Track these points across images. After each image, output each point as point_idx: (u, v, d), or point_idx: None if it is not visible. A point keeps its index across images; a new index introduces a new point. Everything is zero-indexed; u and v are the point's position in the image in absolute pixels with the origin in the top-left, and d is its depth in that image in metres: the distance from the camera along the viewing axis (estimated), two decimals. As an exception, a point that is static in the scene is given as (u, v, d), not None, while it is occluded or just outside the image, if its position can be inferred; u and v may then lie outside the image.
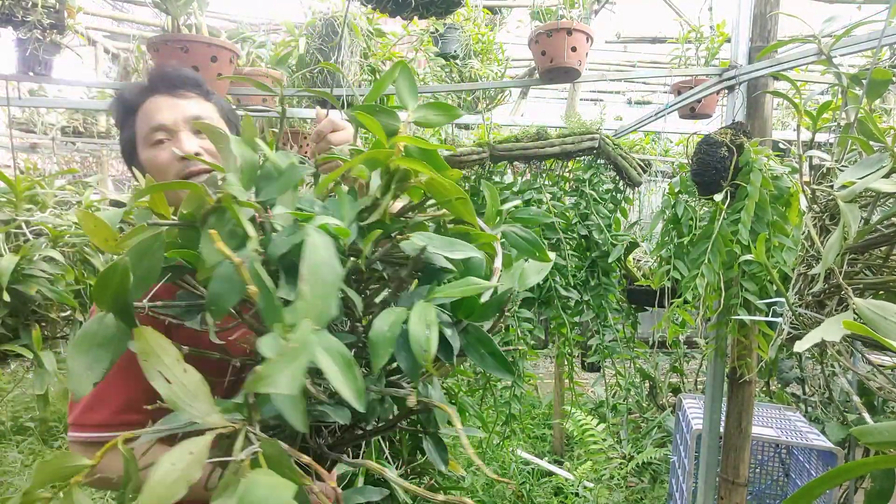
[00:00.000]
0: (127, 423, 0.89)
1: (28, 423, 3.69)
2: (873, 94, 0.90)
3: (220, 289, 0.52)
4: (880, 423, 0.57)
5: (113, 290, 0.56)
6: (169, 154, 0.96)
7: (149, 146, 0.97)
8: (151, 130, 0.97)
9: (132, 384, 0.89)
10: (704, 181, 1.75)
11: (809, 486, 0.57)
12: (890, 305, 0.71)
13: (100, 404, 0.90)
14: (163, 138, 0.97)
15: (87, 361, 0.58)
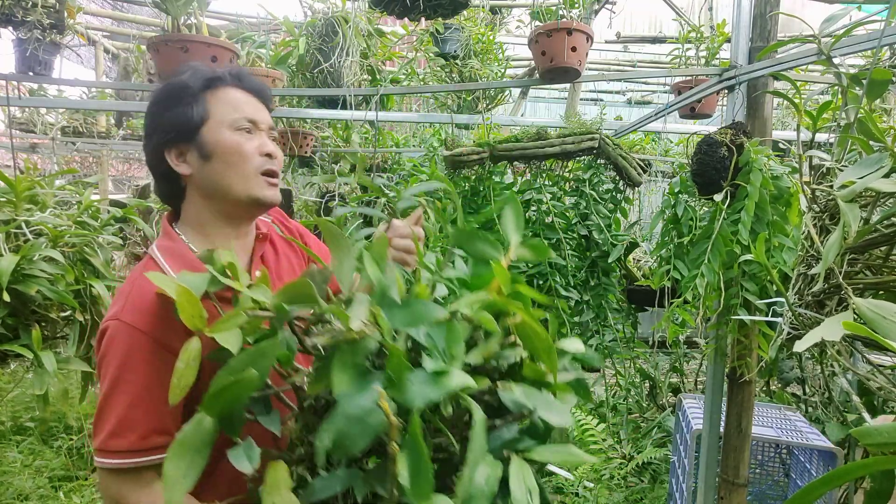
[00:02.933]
0: (156, 447, 0.88)
1: (28, 423, 3.69)
2: (873, 94, 0.90)
3: (350, 429, 0.48)
4: (880, 424, 0.57)
5: (227, 399, 0.54)
6: (255, 145, 1.02)
7: (234, 130, 1.02)
8: (241, 118, 1.02)
9: (158, 408, 0.88)
10: (704, 181, 1.75)
11: (810, 486, 0.57)
12: (889, 305, 0.71)
13: (126, 429, 0.89)
14: (250, 128, 1.03)
15: (184, 468, 0.57)
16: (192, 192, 1.04)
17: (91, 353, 1.79)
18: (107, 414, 0.90)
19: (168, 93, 1.04)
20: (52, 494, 2.96)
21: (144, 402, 0.89)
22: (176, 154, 1.03)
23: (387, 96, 3.36)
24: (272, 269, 1.09)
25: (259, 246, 1.10)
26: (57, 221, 1.72)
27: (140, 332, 0.90)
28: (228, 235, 1.05)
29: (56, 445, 3.45)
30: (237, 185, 1.01)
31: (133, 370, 0.90)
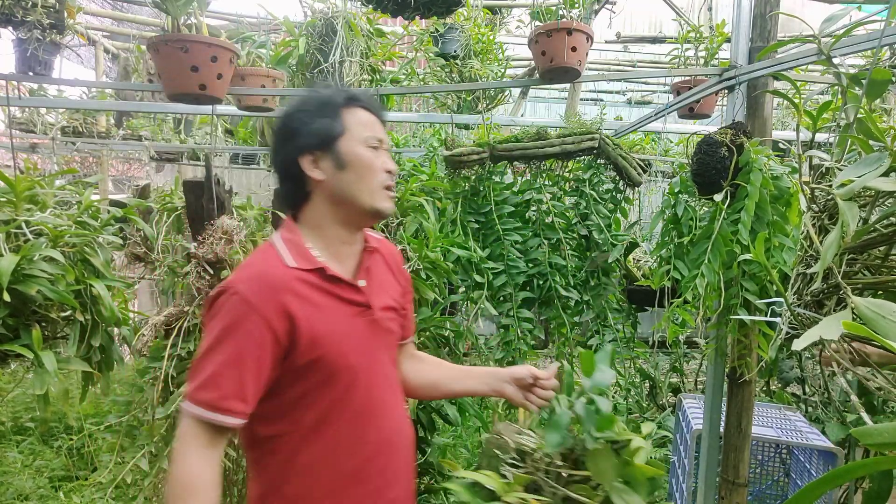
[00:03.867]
0: (229, 410, 1.00)
1: (28, 423, 3.69)
2: (873, 94, 0.90)
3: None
4: (880, 424, 0.57)
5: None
6: (381, 161, 1.15)
7: (365, 146, 1.14)
8: (373, 137, 1.15)
9: (244, 378, 1.01)
10: (704, 181, 1.75)
11: (810, 486, 0.57)
12: (889, 304, 0.71)
13: (212, 385, 1.00)
14: (377, 146, 1.15)
15: None
16: (318, 197, 1.14)
17: (91, 353, 1.79)
18: (201, 368, 1.02)
19: (314, 104, 1.15)
20: (52, 494, 2.96)
21: (233, 368, 1.01)
22: (311, 160, 1.12)
23: (387, 96, 3.36)
24: (375, 280, 1.19)
25: (367, 257, 1.20)
26: (57, 221, 1.72)
27: (249, 305, 1.02)
28: (342, 239, 1.16)
29: (56, 445, 3.45)
30: (364, 195, 1.12)
31: (233, 336, 1.01)
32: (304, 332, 1.05)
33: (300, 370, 1.07)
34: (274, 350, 1.04)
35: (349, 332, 1.11)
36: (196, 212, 2.18)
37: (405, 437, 1.21)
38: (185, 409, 1.01)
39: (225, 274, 2.05)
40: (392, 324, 1.21)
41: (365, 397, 1.12)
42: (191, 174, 5.15)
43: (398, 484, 1.17)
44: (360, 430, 1.11)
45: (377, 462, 1.13)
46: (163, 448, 1.94)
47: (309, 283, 1.09)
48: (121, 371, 2.01)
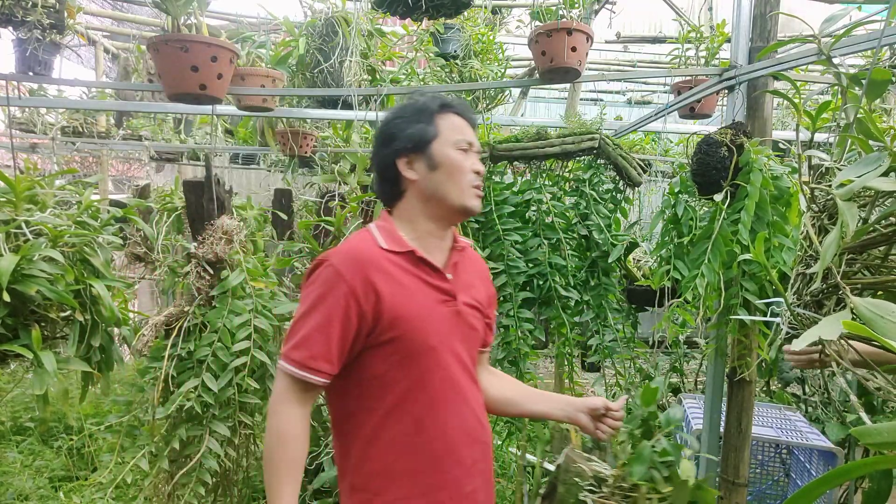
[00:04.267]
0: (316, 370, 1.12)
1: (28, 423, 3.69)
2: (873, 94, 0.90)
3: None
4: (880, 424, 0.57)
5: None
6: (470, 163, 1.24)
7: (457, 149, 1.23)
8: (463, 140, 1.24)
9: (331, 341, 1.12)
10: (704, 181, 1.75)
11: (809, 486, 0.57)
12: (888, 304, 0.71)
13: (304, 346, 1.12)
14: (467, 149, 1.24)
15: None
16: (412, 194, 1.24)
17: (91, 353, 1.79)
18: (297, 330, 1.14)
19: (410, 111, 1.26)
20: (52, 494, 2.96)
21: (322, 332, 1.12)
22: (406, 162, 1.23)
23: (387, 96, 3.36)
24: (462, 278, 1.27)
25: (454, 254, 1.28)
26: (57, 221, 1.72)
27: (340, 276, 1.13)
28: (432, 233, 1.25)
29: (56, 445, 3.45)
30: (454, 193, 1.21)
31: (325, 304, 1.12)
32: (387, 308, 1.13)
33: (382, 346, 1.15)
34: (359, 319, 1.13)
35: (432, 316, 1.18)
36: (196, 212, 2.18)
37: (484, 430, 1.25)
38: (280, 366, 1.14)
39: (225, 274, 2.05)
40: (476, 321, 1.27)
41: (444, 383, 1.18)
42: (191, 174, 5.15)
43: (477, 477, 1.21)
44: (438, 415, 1.17)
45: (455, 451, 1.18)
46: (163, 448, 1.94)
47: (398, 265, 1.18)
48: (121, 371, 2.01)
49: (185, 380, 1.90)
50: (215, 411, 1.94)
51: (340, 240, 1.96)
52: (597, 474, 1.11)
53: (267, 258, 2.35)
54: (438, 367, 1.17)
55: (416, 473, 1.15)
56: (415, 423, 1.15)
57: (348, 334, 1.13)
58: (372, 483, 1.16)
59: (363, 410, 1.17)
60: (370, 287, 1.13)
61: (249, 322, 1.97)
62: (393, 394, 1.15)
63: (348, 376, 1.17)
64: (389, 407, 1.15)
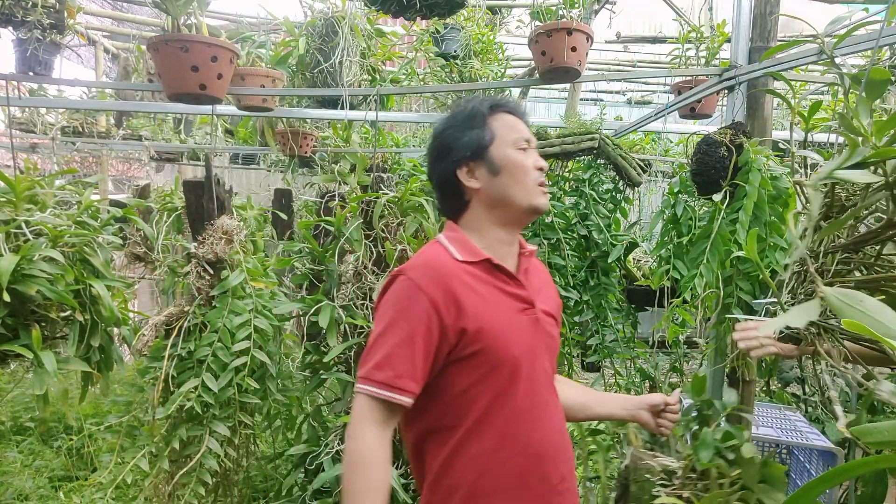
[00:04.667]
0: (401, 389, 1.05)
1: (28, 423, 3.69)
2: (872, 94, 0.90)
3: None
4: (880, 423, 0.57)
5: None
6: (532, 160, 1.20)
7: (515, 148, 1.19)
8: (521, 139, 1.20)
9: (415, 358, 1.06)
10: (704, 181, 1.75)
11: (809, 485, 0.57)
12: (856, 294, 0.71)
13: (386, 365, 1.06)
14: (526, 147, 1.20)
15: None
16: (477, 203, 1.20)
17: (91, 353, 1.79)
18: (376, 349, 1.08)
19: (461, 118, 1.22)
20: (52, 494, 2.96)
21: (405, 349, 1.06)
22: (466, 172, 1.19)
23: (387, 96, 3.36)
24: (534, 284, 1.24)
25: (524, 260, 1.25)
26: (57, 221, 1.72)
27: (420, 289, 1.08)
28: (501, 240, 1.21)
29: (56, 445, 3.45)
30: (520, 195, 1.17)
31: (406, 320, 1.07)
32: (470, 320, 1.09)
33: (466, 360, 1.10)
34: (441, 333, 1.08)
35: (513, 325, 1.14)
36: (196, 212, 2.18)
37: (567, 444, 1.21)
38: (361, 388, 1.07)
39: (225, 274, 2.05)
40: (553, 329, 1.24)
41: (526, 394, 1.13)
42: (191, 174, 5.15)
43: (564, 494, 1.16)
44: (521, 429, 1.12)
45: (540, 467, 1.13)
46: (163, 448, 1.94)
47: (476, 276, 1.14)
48: (121, 371, 2.00)
49: (185, 380, 1.90)
50: (215, 411, 1.94)
51: (341, 240, 1.96)
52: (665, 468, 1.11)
53: (267, 258, 2.35)
54: (521, 379, 1.12)
55: (497, 492, 1.09)
56: (498, 438, 1.10)
57: (431, 350, 1.08)
58: (449, 499, 1.10)
59: (445, 429, 1.12)
60: (451, 299, 1.08)
61: (249, 322, 1.97)
62: (476, 409, 1.10)
63: (430, 394, 1.11)
64: (472, 423, 1.10)
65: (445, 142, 1.21)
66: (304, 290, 2.00)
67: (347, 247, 1.99)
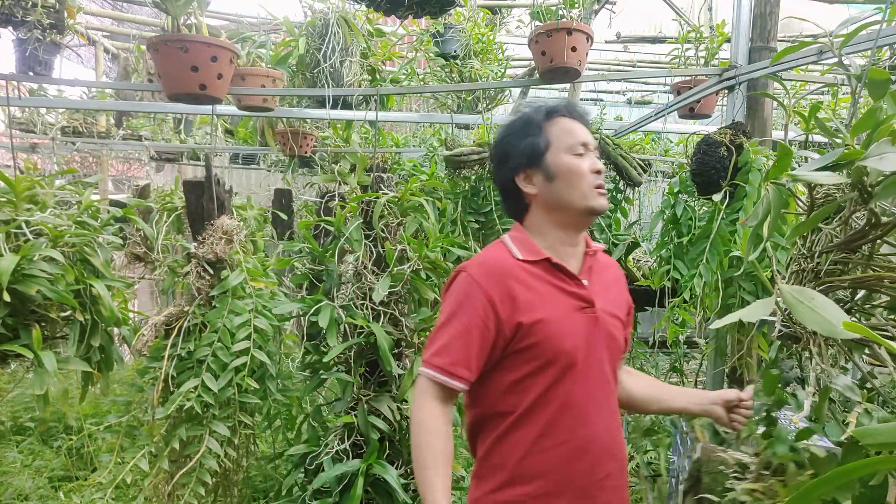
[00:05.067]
0: (456, 375, 1.15)
1: (28, 423, 3.69)
2: (876, 95, 0.90)
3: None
4: (880, 424, 0.57)
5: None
6: (588, 164, 1.22)
7: (572, 154, 1.22)
8: (578, 143, 1.23)
9: (470, 349, 1.15)
10: (704, 181, 1.75)
11: (810, 486, 0.57)
12: (808, 291, 0.74)
13: (444, 353, 1.17)
14: (583, 152, 1.23)
15: None
16: (536, 207, 1.26)
17: (91, 353, 1.79)
18: (437, 337, 1.19)
19: (518, 126, 1.27)
20: (52, 494, 2.96)
21: (461, 340, 1.16)
22: (524, 178, 1.25)
23: (387, 96, 3.36)
24: (599, 284, 1.28)
25: (588, 259, 1.28)
26: (57, 221, 1.72)
27: (478, 285, 1.17)
28: (563, 241, 1.26)
29: (56, 445, 3.45)
30: (576, 199, 1.21)
31: (463, 312, 1.17)
32: (525, 317, 1.15)
33: (521, 353, 1.17)
34: (497, 327, 1.16)
35: (568, 322, 1.19)
36: (196, 212, 2.18)
37: (616, 444, 1.24)
38: (422, 371, 1.18)
39: (225, 274, 2.05)
40: (616, 330, 1.26)
41: (578, 388, 1.18)
42: (191, 174, 5.15)
43: (609, 493, 1.20)
44: (566, 422, 1.17)
45: (582, 459, 1.17)
46: (163, 448, 1.94)
47: (534, 274, 1.20)
48: (121, 371, 2.01)
49: (185, 380, 1.90)
50: (215, 411, 1.94)
51: (341, 240, 1.95)
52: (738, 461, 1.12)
53: (267, 258, 2.35)
54: (575, 375, 1.17)
55: (538, 477, 1.16)
56: (542, 427, 1.17)
57: (486, 342, 1.16)
58: (493, 475, 1.19)
59: (497, 416, 1.20)
60: (507, 295, 1.16)
61: (249, 322, 1.97)
62: (527, 399, 1.17)
63: (486, 383, 1.20)
64: (521, 412, 1.17)
65: (504, 149, 1.28)
66: (304, 290, 2.00)
67: (347, 247, 1.99)
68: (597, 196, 1.22)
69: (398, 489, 1.74)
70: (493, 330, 1.16)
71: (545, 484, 1.15)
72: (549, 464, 1.16)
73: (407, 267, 1.91)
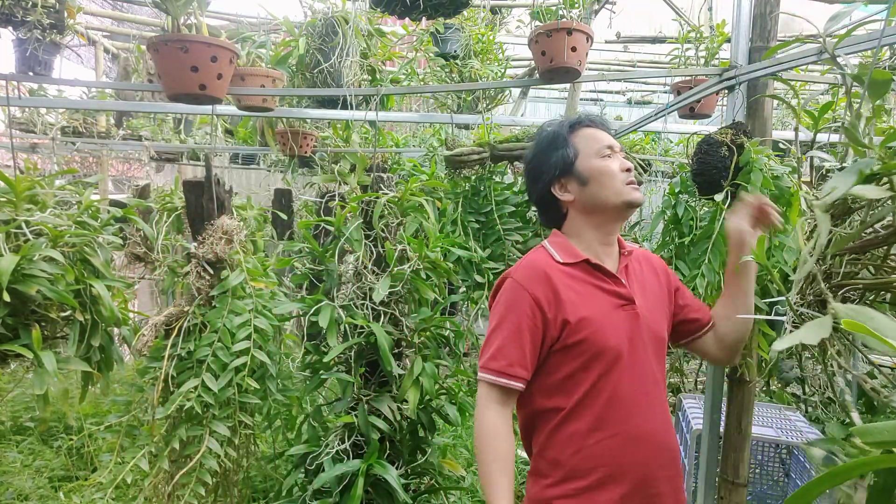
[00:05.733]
0: (514, 375, 1.22)
1: (28, 423, 3.69)
2: (875, 95, 0.90)
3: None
4: (880, 423, 0.57)
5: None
6: (617, 164, 1.30)
7: (599, 158, 1.31)
8: (604, 147, 1.31)
9: (524, 348, 1.22)
10: (705, 181, 1.75)
11: (809, 485, 0.57)
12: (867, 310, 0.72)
13: (500, 356, 1.23)
14: (609, 154, 1.31)
15: None
16: (574, 212, 1.35)
17: (91, 353, 1.79)
18: (491, 342, 1.26)
19: (545, 144, 1.36)
20: (52, 494, 2.96)
21: (515, 341, 1.22)
22: (559, 187, 1.34)
23: (387, 96, 3.36)
24: (636, 279, 1.35)
25: (623, 258, 1.36)
26: (57, 221, 1.72)
27: (523, 288, 1.24)
28: (600, 241, 1.33)
29: (56, 445, 3.45)
30: (611, 196, 1.29)
31: (513, 315, 1.23)
32: (570, 315, 1.22)
33: (568, 350, 1.23)
34: (545, 325, 1.22)
35: (610, 319, 1.25)
36: (196, 212, 2.18)
37: (669, 436, 1.28)
38: (480, 377, 1.25)
39: (225, 274, 2.05)
40: (658, 326, 1.32)
41: (624, 384, 1.23)
42: (191, 174, 5.15)
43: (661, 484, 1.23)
44: (618, 413, 1.22)
45: (636, 454, 1.21)
46: (163, 448, 1.94)
47: (574, 276, 1.27)
48: (121, 371, 2.01)
49: (185, 380, 1.90)
50: (215, 411, 1.94)
51: (341, 240, 1.95)
52: None
53: (267, 258, 2.35)
54: (622, 368, 1.22)
55: (594, 470, 1.20)
56: (594, 420, 1.21)
57: (537, 340, 1.23)
58: (551, 472, 1.23)
59: (550, 410, 1.25)
60: (552, 294, 1.23)
61: (249, 322, 1.97)
62: (578, 392, 1.22)
63: (536, 381, 1.26)
64: (573, 405, 1.22)
65: (536, 166, 1.37)
66: (304, 290, 2.00)
67: (347, 247, 1.99)
68: (631, 191, 1.29)
69: (398, 489, 1.74)
70: (541, 328, 1.22)
71: (601, 476, 1.19)
72: (602, 456, 1.20)
73: (407, 267, 1.91)
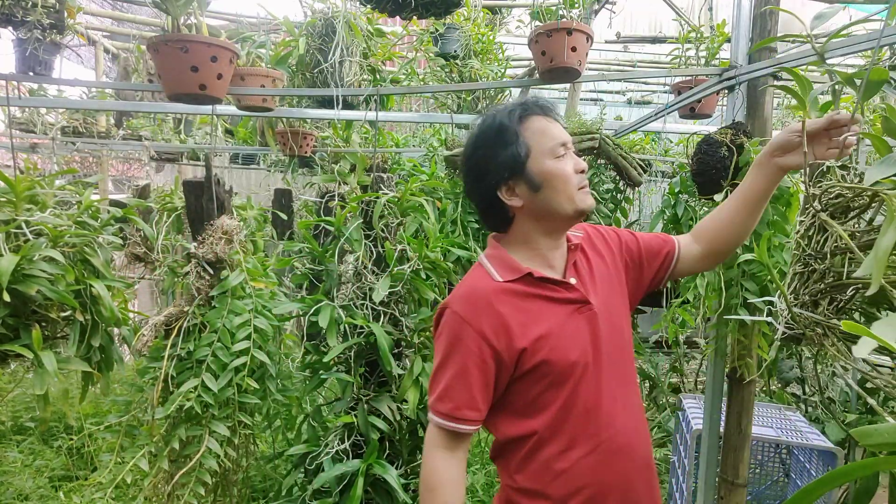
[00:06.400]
0: (462, 419, 1.12)
1: (28, 423, 3.69)
2: (868, 94, 0.90)
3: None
4: (880, 425, 0.57)
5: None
6: (571, 165, 1.16)
7: (554, 158, 1.15)
8: (556, 145, 1.15)
9: (472, 389, 1.12)
10: (704, 181, 1.75)
11: (809, 487, 0.57)
12: None
13: (446, 398, 1.13)
14: (563, 153, 1.16)
15: None
16: (522, 218, 1.19)
17: (91, 353, 1.79)
18: (436, 382, 1.16)
19: (492, 136, 1.17)
20: (52, 494, 2.96)
21: (461, 381, 1.12)
22: (506, 190, 1.17)
23: (387, 96, 3.36)
24: (586, 273, 1.22)
25: (571, 255, 1.23)
26: (57, 221, 1.72)
27: (465, 321, 1.12)
28: (549, 246, 1.20)
29: (56, 445, 3.45)
30: (564, 204, 1.15)
31: (457, 352, 1.12)
32: (523, 341, 1.11)
33: (529, 375, 1.13)
34: (496, 360, 1.11)
35: (568, 331, 1.14)
36: (196, 212, 2.18)
37: (642, 442, 1.20)
38: (430, 418, 1.16)
39: (225, 274, 2.05)
40: (619, 319, 1.22)
41: (592, 394, 1.14)
42: (191, 174, 5.15)
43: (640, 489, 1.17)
44: (589, 429, 1.13)
45: (615, 466, 1.14)
46: (163, 448, 1.94)
47: (519, 293, 1.14)
48: (121, 371, 2.00)
49: (185, 380, 1.90)
50: (215, 411, 1.94)
51: (341, 240, 1.95)
52: None
53: (267, 258, 2.35)
54: (586, 380, 1.13)
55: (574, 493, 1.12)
56: (567, 440, 1.13)
57: (488, 377, 1.12)
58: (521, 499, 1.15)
59: (520, 438, 1.15)
60: (499, 324, 1.11)
61: (249, 322, 1.97)
62: (546, 415, 1.13)
63: (502, 409, 1.17)
64: (543, 429, 1.13)
65: (480, 163, 1.19)
66: (304, 290, 2.00)
67: (347, 247, 1.99)
68: (584, 197, 1.16)
69: (398, 489, 1.74)
70: (492, 364, 1.11)
71: (585, 499, 1.12)
72: (583, 476, 1.12)
73: (407, 267, 1.91)
